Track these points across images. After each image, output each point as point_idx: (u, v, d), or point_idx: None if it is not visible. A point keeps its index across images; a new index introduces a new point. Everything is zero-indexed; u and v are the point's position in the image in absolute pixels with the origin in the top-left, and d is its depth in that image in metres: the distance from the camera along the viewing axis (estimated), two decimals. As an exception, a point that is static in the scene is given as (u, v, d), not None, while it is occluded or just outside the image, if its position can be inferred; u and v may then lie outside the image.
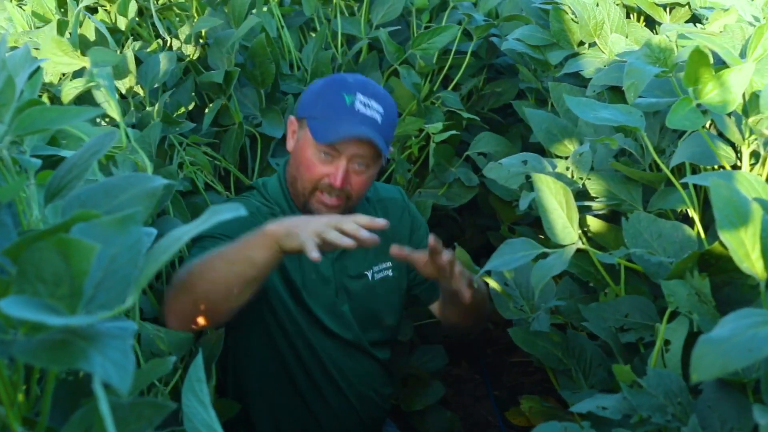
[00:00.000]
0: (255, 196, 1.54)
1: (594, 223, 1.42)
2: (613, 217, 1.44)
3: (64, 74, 1.81)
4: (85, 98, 1.67)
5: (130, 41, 1.92)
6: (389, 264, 1.60)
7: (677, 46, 1.50)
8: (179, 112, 1.84)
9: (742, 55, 1.30)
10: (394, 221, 1.59)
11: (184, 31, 1.97)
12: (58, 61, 1.70)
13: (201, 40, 2.03)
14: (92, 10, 2.02)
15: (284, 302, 1.49)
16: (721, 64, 1.16)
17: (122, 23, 1.95)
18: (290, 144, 1.51)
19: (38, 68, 0.86)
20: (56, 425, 0.64)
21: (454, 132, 1.98)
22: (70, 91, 1.62)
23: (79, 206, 0.64)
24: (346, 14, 2.31)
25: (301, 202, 1.48)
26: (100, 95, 1.46)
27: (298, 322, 1.51)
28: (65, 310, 0.51)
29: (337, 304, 1.54)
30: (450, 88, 2.24)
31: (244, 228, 1.28)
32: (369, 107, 1.42)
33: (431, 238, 1.28)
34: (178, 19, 2.08)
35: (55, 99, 1.77)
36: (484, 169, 1.53)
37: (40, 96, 1.67)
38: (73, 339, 0.49)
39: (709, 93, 1.12)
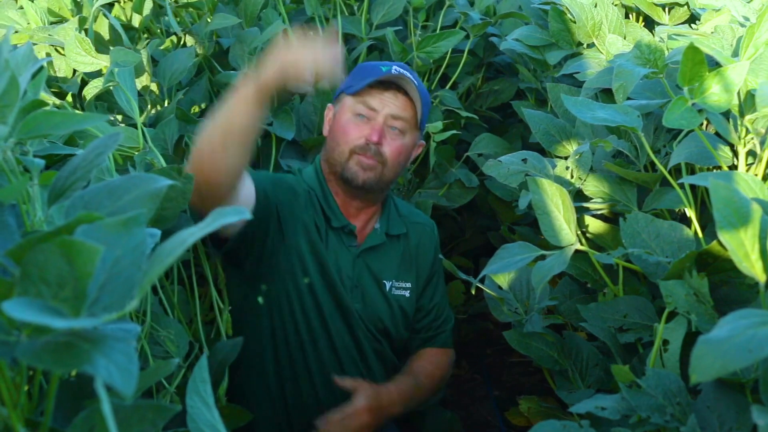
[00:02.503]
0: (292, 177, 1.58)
1: (592, 224, 1.42)
2: (611, 217, 1.44)
3: (76, 70, 1.81)
4: (103, 97, 1.67)
5: (142, 37, 1.92)
6: (409, 285, 1.61)
7: (667, 48, 1.50)
8: (194, 111, 1.84)
9: (734, 55, 1.30)
10: (424, 249, 1.64)
11: (198, 29, 1.97)
12: (80, 60, 1.70)
13: (215, 38, 2.03)
14: (108, 6, 2.01)
15: (292, 308, 1.50)
16: (712, 66, 1.15)
17: (137, 20, 1.95)
18: (326, 129, 1.57)
19: (41, 67, 0.86)
20: (59, 426, 0.64)
21: (454, 132, 1.98)
22: (91, 89, 1.62)
23: (83, 207, 0.64)
24: (346, 13, 2.31)
25: (338, 174, 1.51)
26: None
27: (301, 332, 1.51)
28: (69, 313, 0.51)
29: (352, 300, 1.54)
30: (448, 86, 2.24)
31: (286, 187, 1.49)
32: (407, 73, 1.49)
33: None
34: (189, 17, 2.07)
35: (64, 94, 1.77)
36: (483, 167, 1.53)
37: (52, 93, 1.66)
38: (77, 341, 0.49)
39: (705, 92, 1.12)
